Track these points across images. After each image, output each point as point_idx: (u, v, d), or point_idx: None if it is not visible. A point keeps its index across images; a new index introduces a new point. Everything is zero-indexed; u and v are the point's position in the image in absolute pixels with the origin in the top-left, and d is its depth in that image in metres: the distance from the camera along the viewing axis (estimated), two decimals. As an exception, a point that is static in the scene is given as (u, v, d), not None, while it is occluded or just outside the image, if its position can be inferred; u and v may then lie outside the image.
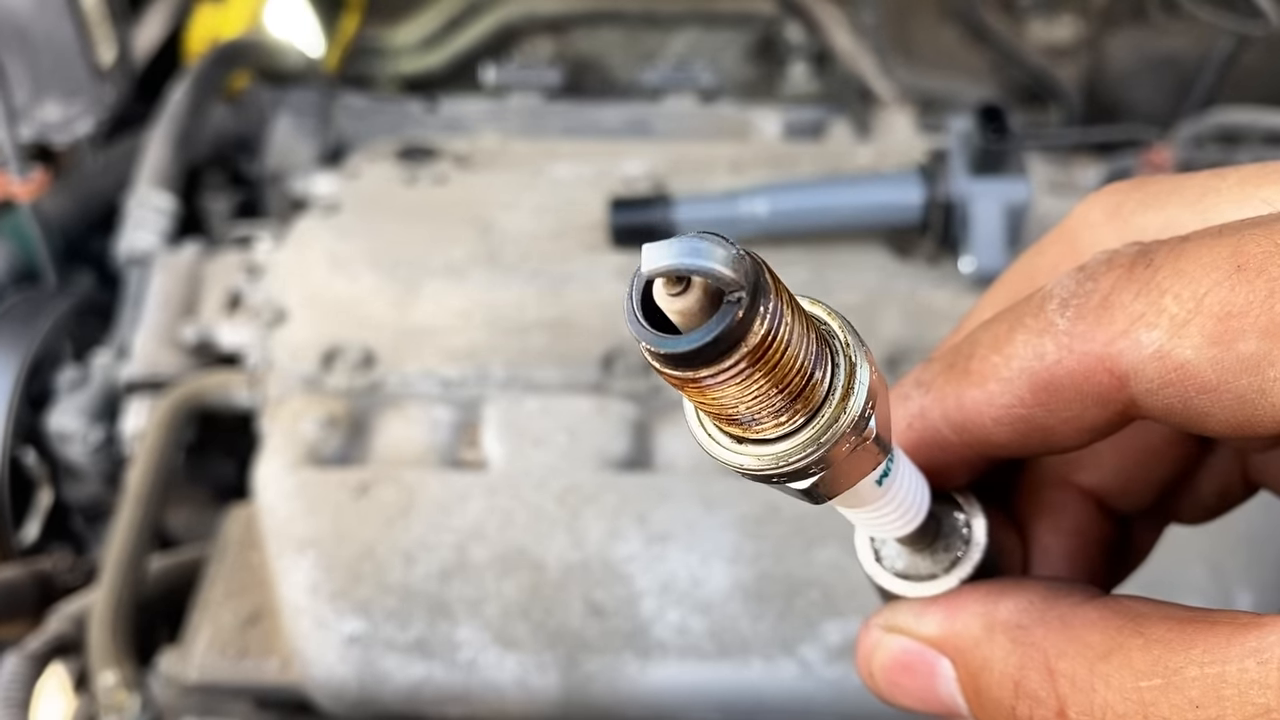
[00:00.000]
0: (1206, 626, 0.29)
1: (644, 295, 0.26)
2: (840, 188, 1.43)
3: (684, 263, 0.24)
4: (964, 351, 0.36)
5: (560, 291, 1.38)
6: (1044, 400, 0.33)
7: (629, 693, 1.05)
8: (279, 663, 1.10)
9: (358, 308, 1.36)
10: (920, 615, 0.37)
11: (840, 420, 0.28)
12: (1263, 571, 1.11)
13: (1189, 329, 0.29)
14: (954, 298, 1.37)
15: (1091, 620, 0.31)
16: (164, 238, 1.53)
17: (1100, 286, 0.32)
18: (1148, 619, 0.30)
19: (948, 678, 0.36)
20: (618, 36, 2.04)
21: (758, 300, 0.25)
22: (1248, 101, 1.76)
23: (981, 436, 0.36)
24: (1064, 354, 0.32)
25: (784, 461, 0.28)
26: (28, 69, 1.48)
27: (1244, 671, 0.27)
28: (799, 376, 0.27)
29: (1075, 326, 0.32)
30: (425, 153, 1.65)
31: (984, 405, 0.35)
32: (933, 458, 0.37)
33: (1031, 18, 1.92)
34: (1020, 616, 0.34)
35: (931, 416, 0.37)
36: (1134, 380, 0.31)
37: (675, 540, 1.12)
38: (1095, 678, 0.30)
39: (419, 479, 1.17)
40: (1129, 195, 0.37)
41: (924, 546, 0.39)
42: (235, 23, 1.92)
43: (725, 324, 0.25)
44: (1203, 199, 0.35)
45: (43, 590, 1.26)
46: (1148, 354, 0.30)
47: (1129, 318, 0.31)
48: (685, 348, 0.25)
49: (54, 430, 1.37)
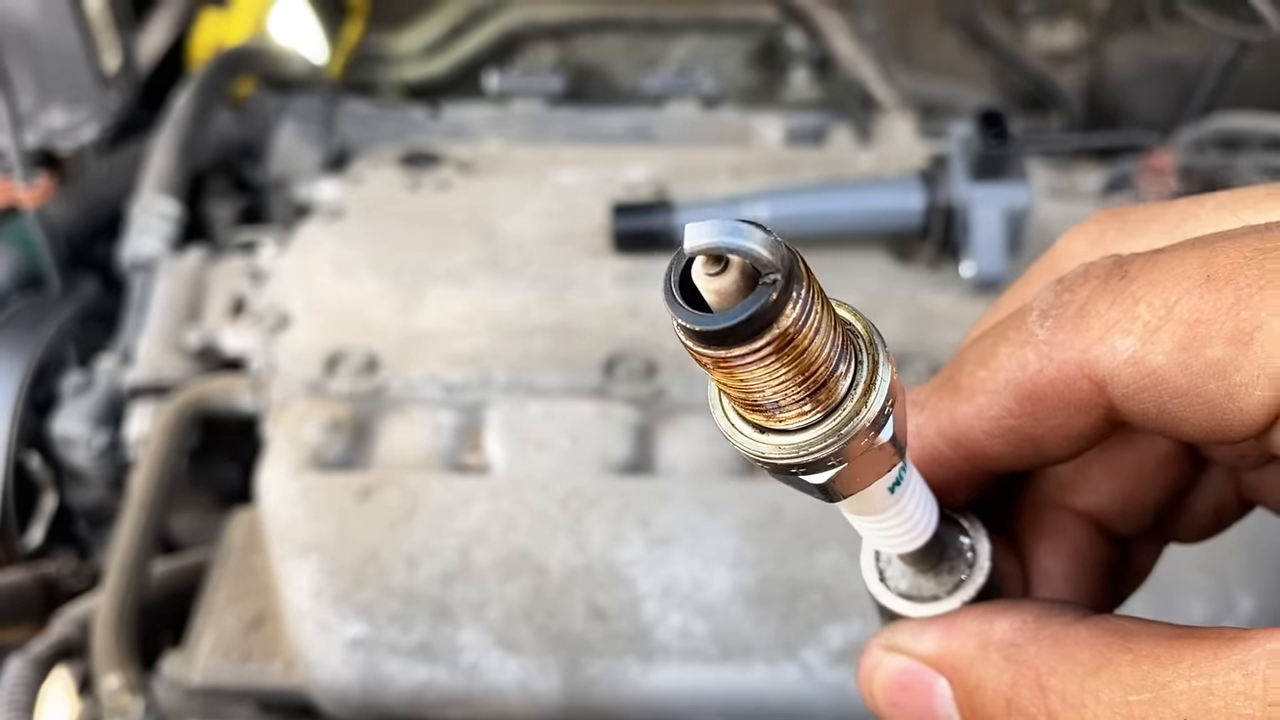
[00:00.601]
0: (1194, 641, 0.29)
1: (683, 275, 0.27)
2: (841, 193, 1.43)
3: (725, 241, 0.25)
4: (954, 369, 0.37)
5: (563, 296, 1.38)
6: (1030, 409, 0.34)
7: (631, 696, 1.05)
8: (282, 666, 1.10)
9: (361, 313, 1.37)
10: (918, 634, 0.38)
11: (861, 414, 0.29)
12: (1263, 576, 1.11)
13: (1160, 335, 0.30)
14: (955, 302, 1.38)
15: (1082, 638, 0.32)
16: (168, 243, 1.54)
17: (1077, 297, 0.33)
18: (1136, 636, 0.31)
19: (945, 697, 0.36)
20: (620, 43, 2.05)
21: (791, 284, 0.26)
22: (1248, 107, 1.76)
23: (976, 450, 0.37)
24: (1045, 363, 0.33)
25: (803, 451, 0.29)
26: (33, 75, 1.49)
27: (1230, 684, 0.28)
28: (824, 366, 0.28)
29: (1054, 335, 0.33)
30: (428, 159, 1.65)
31: (975, 419, 0.36)
32: (932, 474, 0.38)
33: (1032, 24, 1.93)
34: (1014, 635, 0.34)
35: (927, 434, 0.38)
36: (1111, 385, 0.32)
37: (677, 544, 1.12)
38: (1085, 693, 0.30)
39: (422, 483, 1.18)
40: (1110, 224, 0.38)
41: (928, 568, 0.39)
42: (239, 29, 1.93)
43: (760, 304, 0.26)
44: (1182, 224, 0.36)
45: (47, 594, 1.26)
46: (1123, 360, 0.31)
47: (1104, 325, 0.32)
48: (720, 325, 0.26)
49: (58, 435, 1.37)
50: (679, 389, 1.28)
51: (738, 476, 1.21)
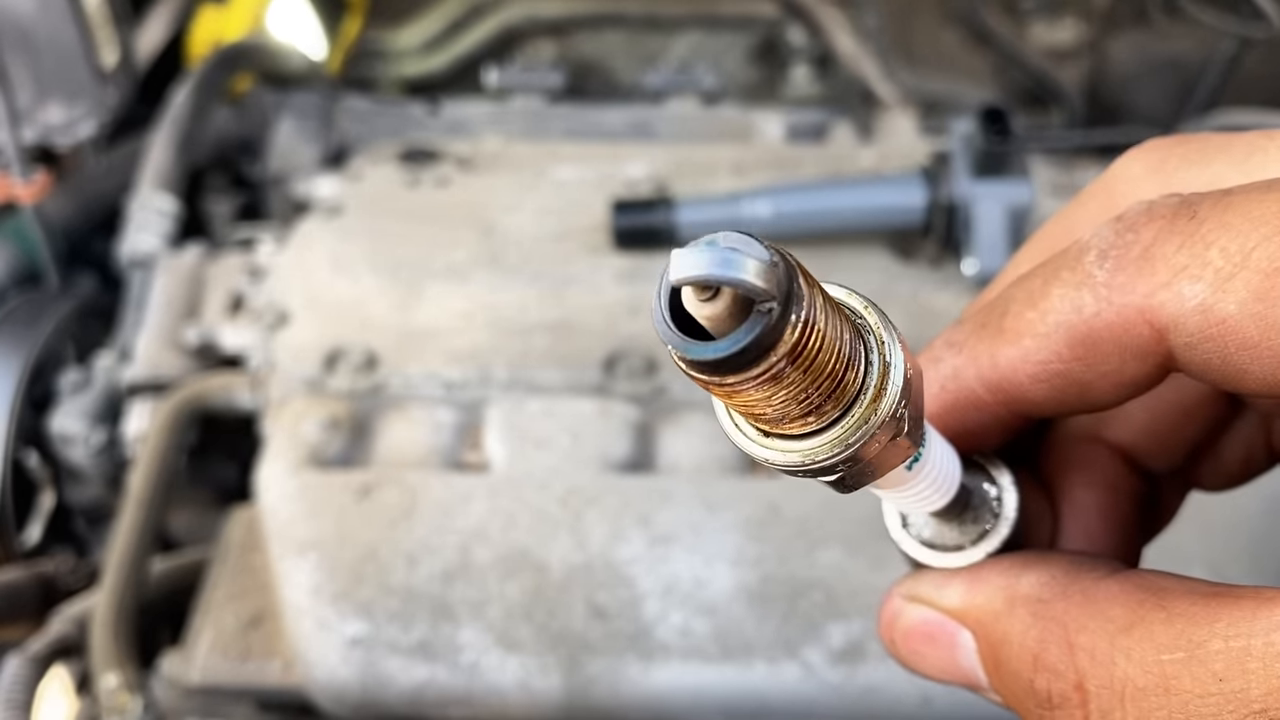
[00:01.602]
0: (1231, 600, 0.28)
1: (672, 297, 0.26)
2: (843, 190, 1.43)
3: (713, 274, 0.23)
4: (998, 309, 0.35)
5: (562, 293, 1.38)
6: (1082, 355, 0.33)
7: (632, 695, 1.05)
8: (281, 665, 1.10)
9: (360, 310, 1.36)
10: (942, 587, 0.37)
11: (870, 421, 0.28)
12: (1263, 578, 1.11)
13: (1234, 283, 0.29)
14: (956, 300, 1.37)
15: (1113, 594, 0.31)
16: (166, 240, 1.53)
17: (1141, 238, 0.31)
18: (1171, 593, 0.30)
19: (968, 649, 0.36)
20: (620, 39, 2.04)
21: (789, 310, 0.25)
22: (1250, 104, 1.75)
23: (1017, 395, 0.35)
24: (1103, 306, 0.32)
25: (809, 460, 0.28)
26: (31, 71, 1.48)
27: (1270, 645, 0.27)
28: (829, 380, 0.27)
29: (1114, 278, 0.31)
30: (427, 155, 1.65)
31: (1019, 362, 0.34)
32: (967, 419, 0.37)
33: (1033, 20, 1.92)
34: (1042, 590, 0.33)
35: (965, 377, 0.36)
36: (1174, 333, 0.30)
37: (678, 542, 1.12)
38: (1116, 651, 0.30)
39: (421, 481, 1.17)
40: (1173, 150, 0.36)
41: (953, 517, 0.38)
42: (238, 25, 1.92)
43: (755, 334, 0.24)
44: (1250, 157, 0.34)
45: (45, 592, 1.26)
46: (1190, 307, 0.30)
47: (1171, 270, 0.30)
48: (713, 356, 0.25)
49: (56, 432, 1.37)
50: (680, 386, 1.28)
51: (739, 474, 1.21)
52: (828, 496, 1.12)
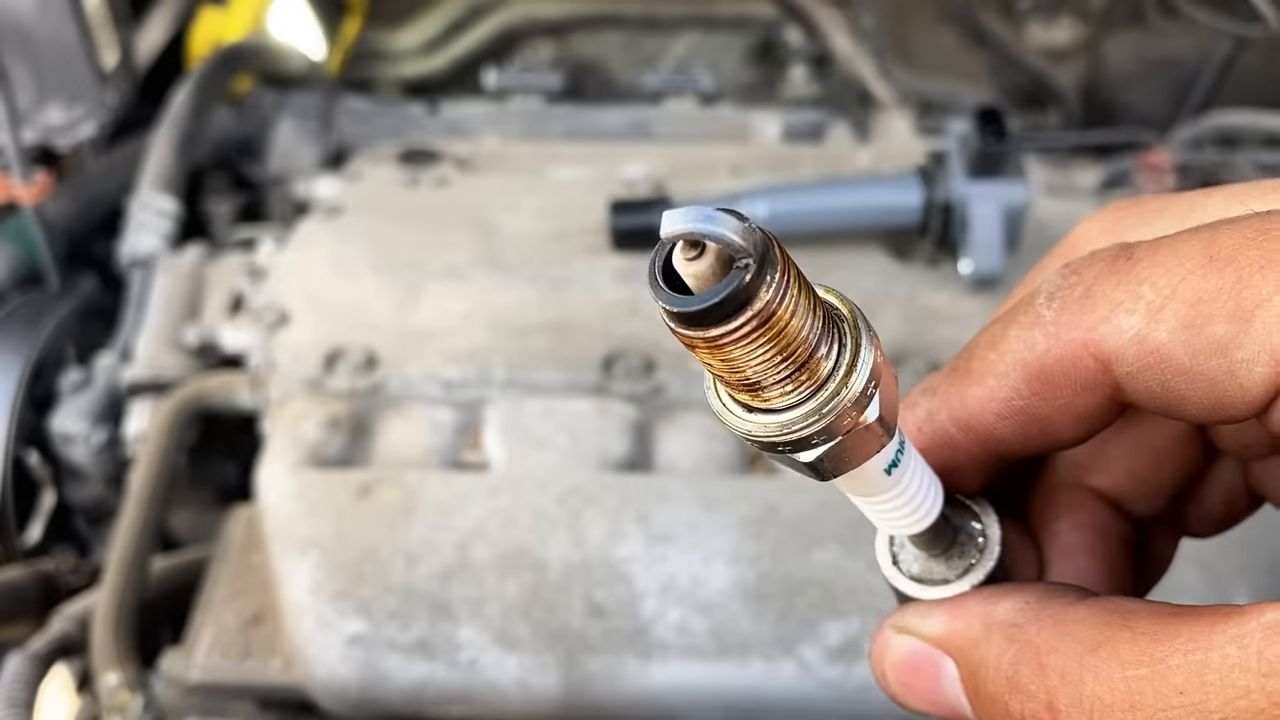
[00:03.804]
0: (1191, 618, 0.30)
1: (666, 262, 0.29)
2: (840, 190, 1.43)
3: (697, 228, 0.27)
4: (965, 355, 0.38)
5: (561, 293, 1.38)
6: (1039, 390, 0.35)
7: (630, 693, 1.06)
8: (281, 663, 1.10)
9: (360, 310, 1.37)
10: (926, 616, 0.38)
11: (842, 394, 0.30)
12: (1258, 575, 1.11)
13: (1164, 314, 0.31)
14: (953, 299, 1.38)
15: (1081, 617, 0.33)
16: (167, 240, 1.54)
17: (1084, 279, 0.34)
18: (1135, 614, 0.31)
19: (952, 678, 0.37)
20: (618, 40, 2.05)
21: (765, 269, 0.27)
22: (1246, 104, 1.76)
23: (986, 433, 0.37)
24: (1052, 343, 0.34)
25: (787, 430, 0.30)
26: (31, 72, 1.49)
27: (1225, 657, 0.28)
28: (803, 347, 0.29)
29: (1061, 316, 0.34)
30: (427, 155, 1.66)
31: (985, 401, 0.37)
32: (944, 459, 0.39)
33: (1030, 20, 1.93)
34: (1016, 615, 0.35)
35: (939, 418, 0.38)
36: (1116, 363, 0.33)
37: (676, 541, 1.12)
38: (1084, 670, 0.31)
39: (421, 480, 1.18)
40: (1124, 214, 0.39)
41: (939, 552, 0.40)
42: (238, 26, 1.93)
43: (733, 286, 0.27)
44: (1191, 214, 0.37)
45: (46, 591, 1.26)
46: (1127, 338, 0.32)
47: (1109, 305, 0.32)
48: (694, 307, 0.28)
49: (57, 432, 1.37)
50: (677, 386, 1.29)
51: (736, 473, 1.21)
52: (824, 496, 1.12)
